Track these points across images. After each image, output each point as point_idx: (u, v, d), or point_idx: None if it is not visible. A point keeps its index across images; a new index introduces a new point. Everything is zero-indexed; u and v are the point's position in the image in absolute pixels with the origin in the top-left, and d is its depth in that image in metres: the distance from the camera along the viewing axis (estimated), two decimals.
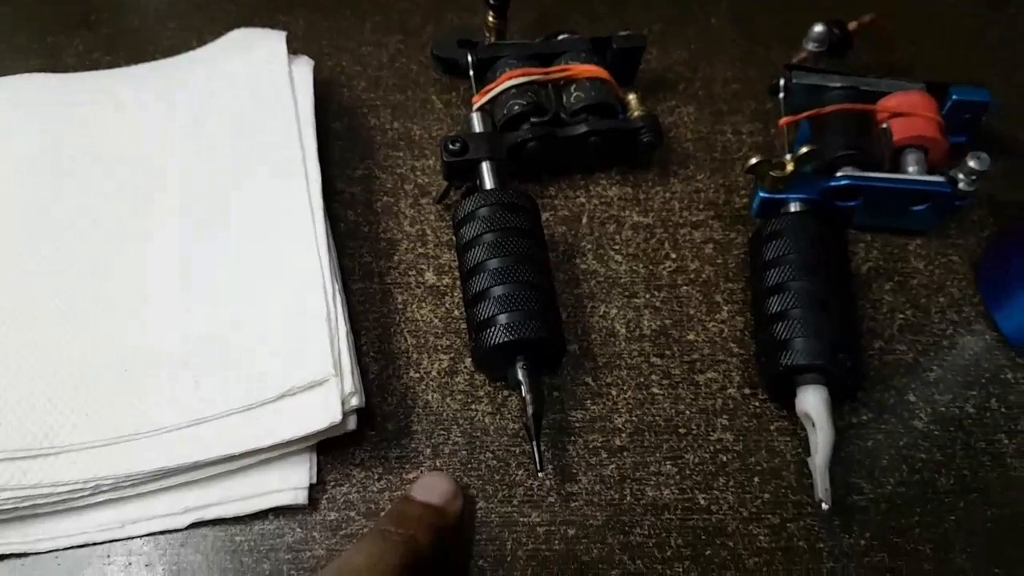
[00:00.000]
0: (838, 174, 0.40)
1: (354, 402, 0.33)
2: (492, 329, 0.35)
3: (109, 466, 0.33)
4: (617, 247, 0.42)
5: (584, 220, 0.43)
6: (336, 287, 0.36)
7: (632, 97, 0.44)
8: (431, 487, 0.33)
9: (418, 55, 0.49)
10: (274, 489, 0.34)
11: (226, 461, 0.33)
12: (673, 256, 0.42)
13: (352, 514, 0.34)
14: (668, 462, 0.36)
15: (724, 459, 0.36)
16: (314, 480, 0.34)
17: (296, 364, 0.33)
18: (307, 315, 0.35)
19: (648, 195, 0.44)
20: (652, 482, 0.36)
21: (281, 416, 0.33)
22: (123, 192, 0.39)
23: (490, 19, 0.45)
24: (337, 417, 0.32)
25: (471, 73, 0.44)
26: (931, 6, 0.53)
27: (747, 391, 0.38)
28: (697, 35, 0.50)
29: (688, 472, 0.36)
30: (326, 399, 0.33)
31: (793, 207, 0.39)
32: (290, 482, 0.34)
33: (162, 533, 0.34)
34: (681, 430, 0.37)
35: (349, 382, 0.33)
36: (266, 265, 0.36)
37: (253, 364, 0.34)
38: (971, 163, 0.40)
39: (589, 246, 0.42)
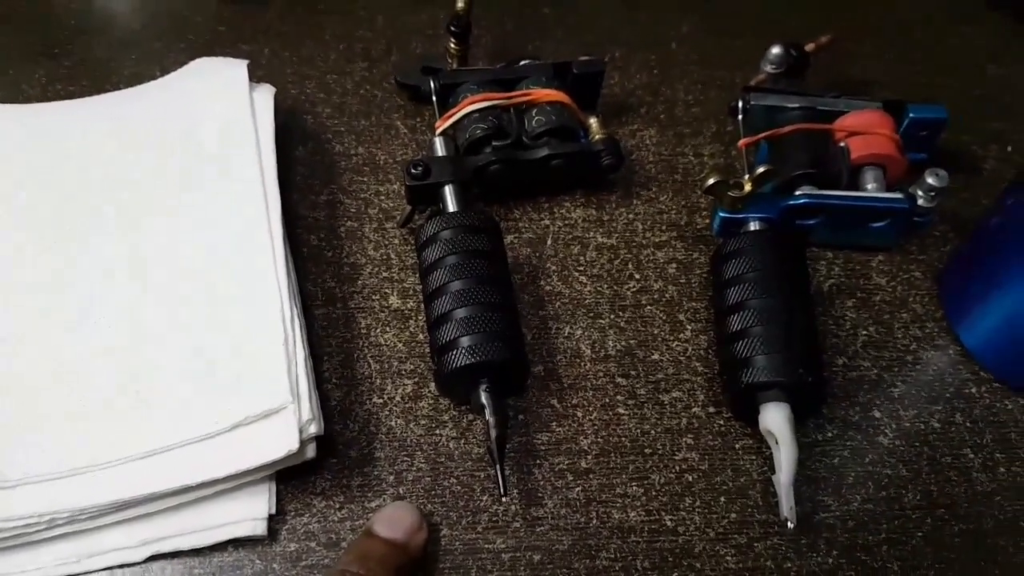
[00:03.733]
0: (797, 193, 0.40)
1: (312, 430, 0.33)
2: (454, 352, 0.35)
3: (65, 499, 0.32)
4: (582, 268, 0.42)
5: (549, 242, 0.43)
6: (295, 313, 0.36)
7: (593, 120, 0.44)
8: (394, 520, 0.33)
9: (382, 82, 0.49)
10: (232, 520, 0.33)
11: (183, 492, 0.32)
12: (637, 276, 0.42)
13: (312, 544, 0.34)
14: (634, 483, 0.36)
15: (690, 479, 0.36)
16: (273, 510, 0.34)
17: (253, 392, 0.33)
18: (264, 342, 0.34)
19: (612, 217, 0.44)
20: (618, 504, 0.35)
21: (238, 445, 0.32)
22: (79, 221, 0.39)
23: (452, 46, 0.45)
24: (294, 446, 0.32)
25: (434, 99, 0.44)
26: (889, 24, 0.54)
27: (712, 410, 0.38)
28: (658, 59, 0.51)
29: (654, 493, 0.36)
30: (283, 427, 0.32)
31: (753, 226, 0.40)
32: (249, 513, 0.33)
33: (120, 567, 0.33)
34: (647, 450, 0.37)
35: (307, 409, 0.33)
36: (224, 292, 0.36)
37: (209, 393, 0.33)
38: (929, 180, 0.41)
39: (554, 267, 0.42)
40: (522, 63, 0.46)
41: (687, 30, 0.53)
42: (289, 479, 0.35)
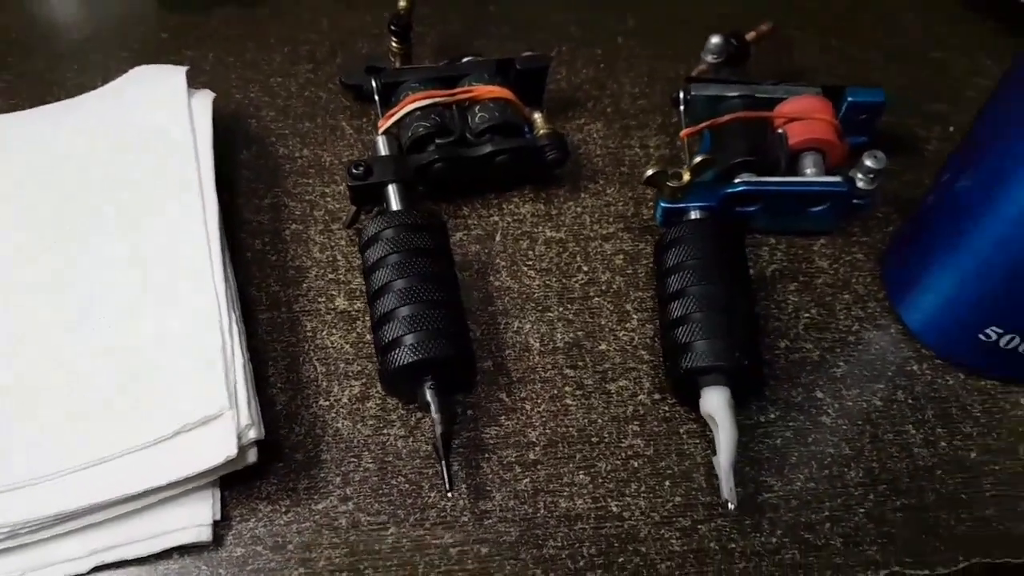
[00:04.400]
0: (736, 181, 0.40)
1: (252, 435, 0.33)
2: (398, 350, 0.35)
3: (4, 513, 0.32)
4: (530, 263, 0.43)
5: (498, 238, 0.44)
6: (234, 319, 0.36)
7: (538, 116, 0.44)
8: None
9: (327, 83, 0.49)
10: (177, 527, 0.33)
11: (124, 502, 0.32)
12: (585, 269, 0.42)
13: (259, 549, 0.34)
14: (581, 472, 0.36)
15: (635, 465, 0.36)
16: (218, 516, 0.34)
17: (190, 399, 0.33)
18: (202, 349, 0.34)
19: (560, 210, 0.45)
20: (565, 493, 0.35)
21: (176, 453, 0.32)
22: (13, 231, 0.39)
23: (394, 45, 0.45)
24: (233, 452, 0.32)
25: (376, 98, 0.44)
26: (831, 10, 0.54)
27: (657, 396, 0.38)
28: (605, 53, 0.51)
29: (601, 480, 0.36)
30: (222, 433, 0.32)
31: (694, 214, 0.40)
32: (193, 519, 0.33)
33: None
34: (594, 439, 0.37)
35: (245, 415, 0.33)
36: (160, 300, 0.36)
37: (146, 401, 0.33)
38: (868, 162, 0.41)
39: (503, 263, 0.43)
40: (465, 60, 0.46)
41: (633, 23, 0.53)
42: (234, 484, 0.35)
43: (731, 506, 0.33)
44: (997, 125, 0.35)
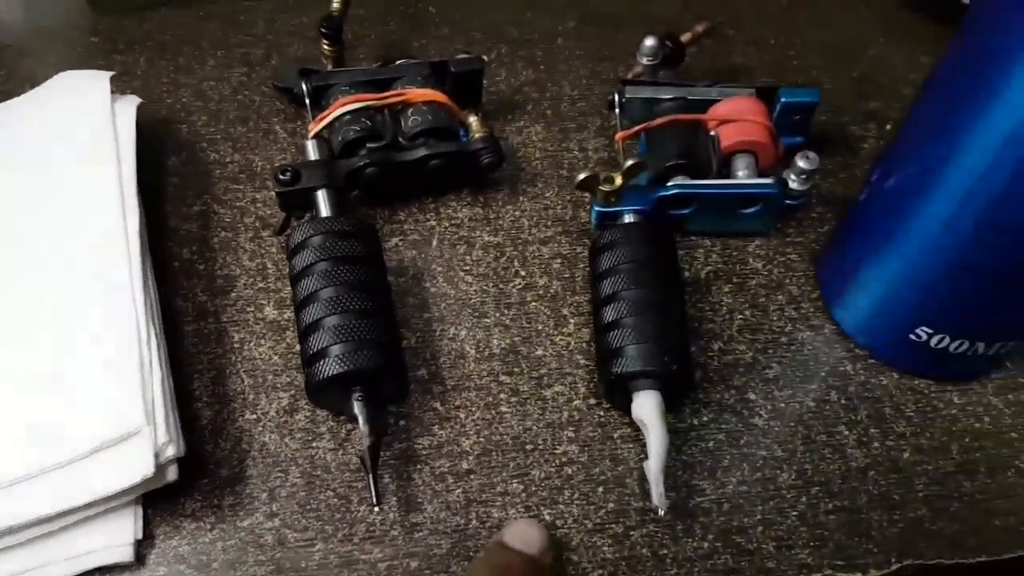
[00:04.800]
0: (669, 183, 0.40)
1: (170, 452, 0.32)
2: (324, 361, 0.34)
3: None
4: (467, 268, 0.42)
5: (434, 243, 0.43)
6: (152, 332, 0.35)
7: (473, 119, 0.44)
8: (527, 537, 0.32)
9: (261, 87, 0.48)
10: (97, 548, 0.32)
11: (41, 523, 0.31)
12: (523, 273, 0.42)
13: (183, 568, 0.33)
14: (515, 480, 0.36)
15: (569, 472, 0.36)
16: (140, 535, 0.33)
17: (105, 417, 0.32)
18: (118, 364, 0.33)
19: (498, 215, 0.44)
20: (498, 503, 0.35)
21: (92, 473, 0.31)
22: None
23: (325, 47, 0.45)
24: (150, 471, 0.31)
25: (307, 101, 0.43)
26: (768, 10, 0.54)
27: (592, 402, 0.38)
28: (544, 55, 0.51)
29: (534, 489, 0.35)
30: (138, 452, 0.31)
31: (628, 218, 0.40)
32: (114, 539, 0.32)
33: None
34: (528, 446, 0.37)
35: (163, 432, 0.32)
36: (76, 313, 0.35)
37: (61, 419, 0.32)
38: (800, 163, 0.41)
39: (440, 268, 0.42)
40: (398, 63, 0.45)
41: (573, 25, 0.53)
42: (157, 502, 0.34)
43: (661, 512, 0.33)
44: (922, 125, 0.35)
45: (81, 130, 0.40)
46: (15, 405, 0.33)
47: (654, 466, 0.33)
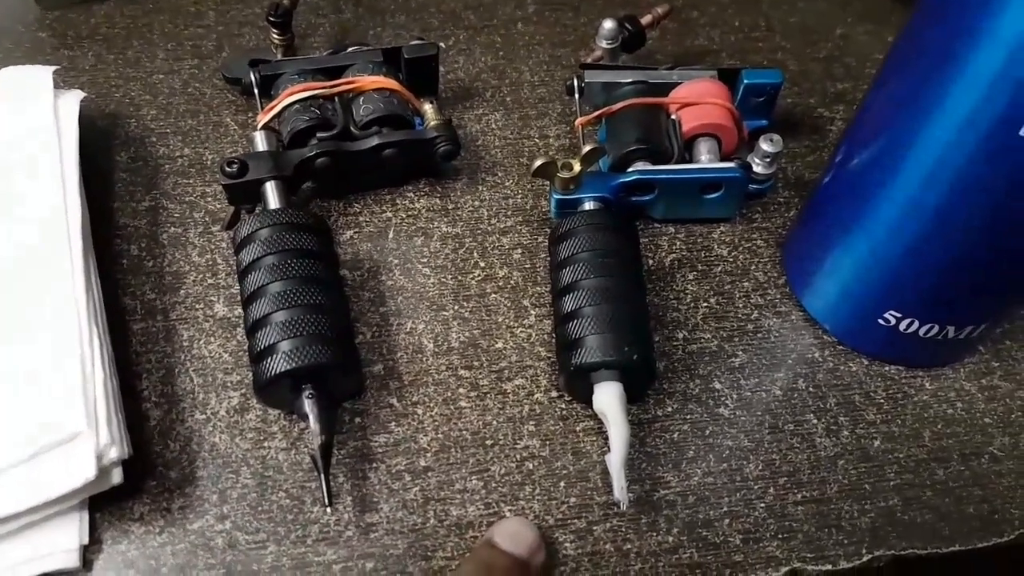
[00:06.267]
0: (630, 169, 0.39)
1: (113, 455, 0.31)
2: (272, 358, 0.33)
3: None
4: (425, 260, 0.41)
5: (391, 235, 0.42)
6: (95, 332, 0.33)
7: (428, 107, 0.42)
8: (517, 535, 0.31)
9: (212, 79, 0.47)
10: (42, 554, 0.31)
11: None
12: (482, 265, 0.41)
13: (131, 572, 0.32)
14: (474, 477, 0.35)
15: (530, 467, 0.35)
16: (86, 540, 0.32)
17: (46, 419, 0.31)
18: (59, 365, 0.32)
19: (457, 205, 0.43)
20: (457, 500, 0.34)
21: (33, 477, 0.30)
22: None
23: (275, 36, 0.43)
24: (92, 474, 0.30)
25: (256, 91, 0.42)
26: None
27: (554, 394, 0.37)
28: (503, 41, 0.50)
29: (494, 485, 0.34)
30: (80, 455, 0.30)
31: (588, 205, 0.39)
32: (59, 544, 0.31)
33: None
34: (488, 442, 0.35)
35: (105, 434, 0.31)
36: (15, 313, 0.33)
37: (1, 422, 0.31)
38: (764, 146, 0.41)
39: (396, 261, 0.41)
40: (349, 50, 0.44)
41: (532, 9, 0.52)
42: (104, 505, 0.32)
43: (623, 506, 0.32)
44: (883, 103, 0.34)
45: (23, 127, 0.39)
46: None
47: (615, 459, 0.32)
